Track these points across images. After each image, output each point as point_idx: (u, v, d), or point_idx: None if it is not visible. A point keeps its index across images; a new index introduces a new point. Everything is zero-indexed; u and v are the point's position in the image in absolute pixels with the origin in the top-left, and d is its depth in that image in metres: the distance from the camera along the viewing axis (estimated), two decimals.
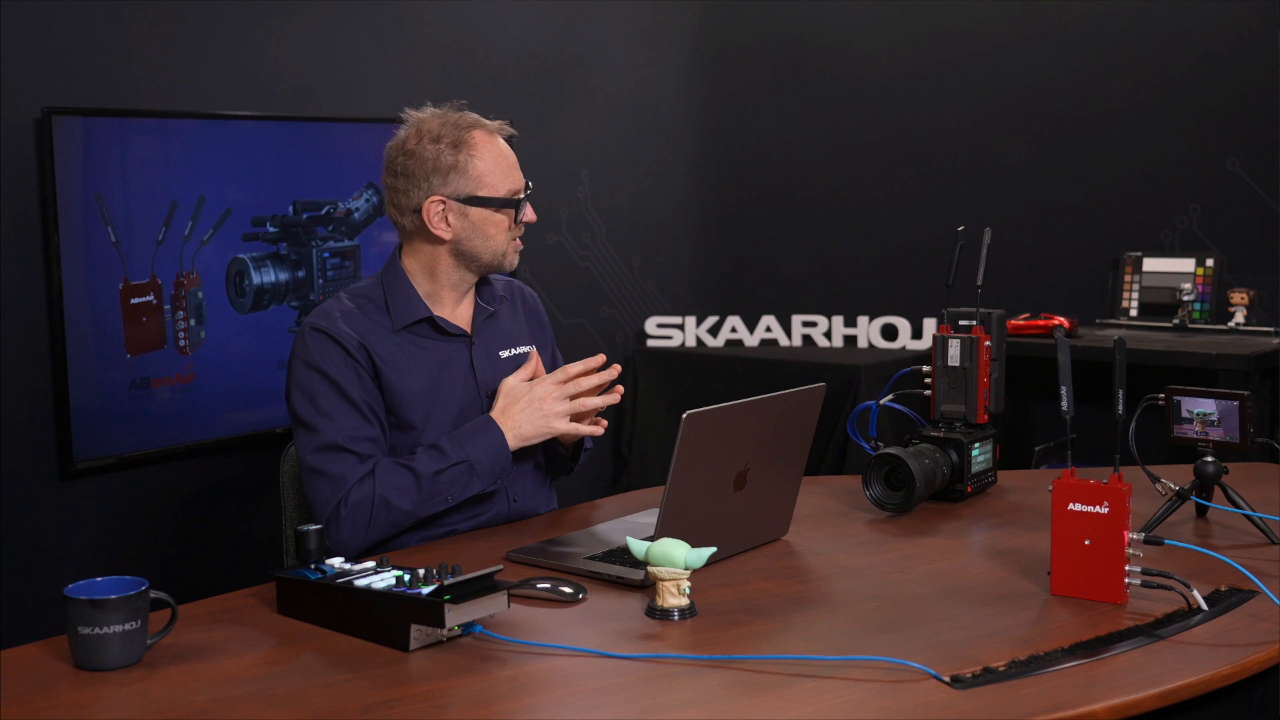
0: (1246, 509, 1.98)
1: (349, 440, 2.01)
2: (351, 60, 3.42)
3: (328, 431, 2.02)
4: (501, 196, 2.11)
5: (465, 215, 2.10)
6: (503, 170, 2.12)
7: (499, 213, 2.12)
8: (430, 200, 2.09)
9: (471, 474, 2.03)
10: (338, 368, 2.04)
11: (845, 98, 4.30)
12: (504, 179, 2.12)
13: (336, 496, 1.99)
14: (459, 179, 2.09)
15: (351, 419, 2.03)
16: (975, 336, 2.24)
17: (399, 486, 1.99)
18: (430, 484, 2.01)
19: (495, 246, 2.14)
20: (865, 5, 4.27)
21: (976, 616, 1.66)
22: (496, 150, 2.12)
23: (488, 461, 2.04)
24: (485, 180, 2.10)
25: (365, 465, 2.01)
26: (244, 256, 3.15)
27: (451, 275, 2.15)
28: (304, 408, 2.04)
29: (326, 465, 2.01)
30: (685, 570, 1.64)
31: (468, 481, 2.03)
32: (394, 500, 1.99)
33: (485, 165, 2.10)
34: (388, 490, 1.99)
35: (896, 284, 4.19)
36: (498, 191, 2.11)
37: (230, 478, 3.19)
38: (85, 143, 2.85)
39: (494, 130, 2.14)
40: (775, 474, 1.95)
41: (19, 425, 2.84)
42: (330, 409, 2.03)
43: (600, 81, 4.12)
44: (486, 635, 1.56)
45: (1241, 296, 3.66)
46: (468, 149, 2.10)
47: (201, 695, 1.42)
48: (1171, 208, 3.88)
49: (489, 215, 2.11)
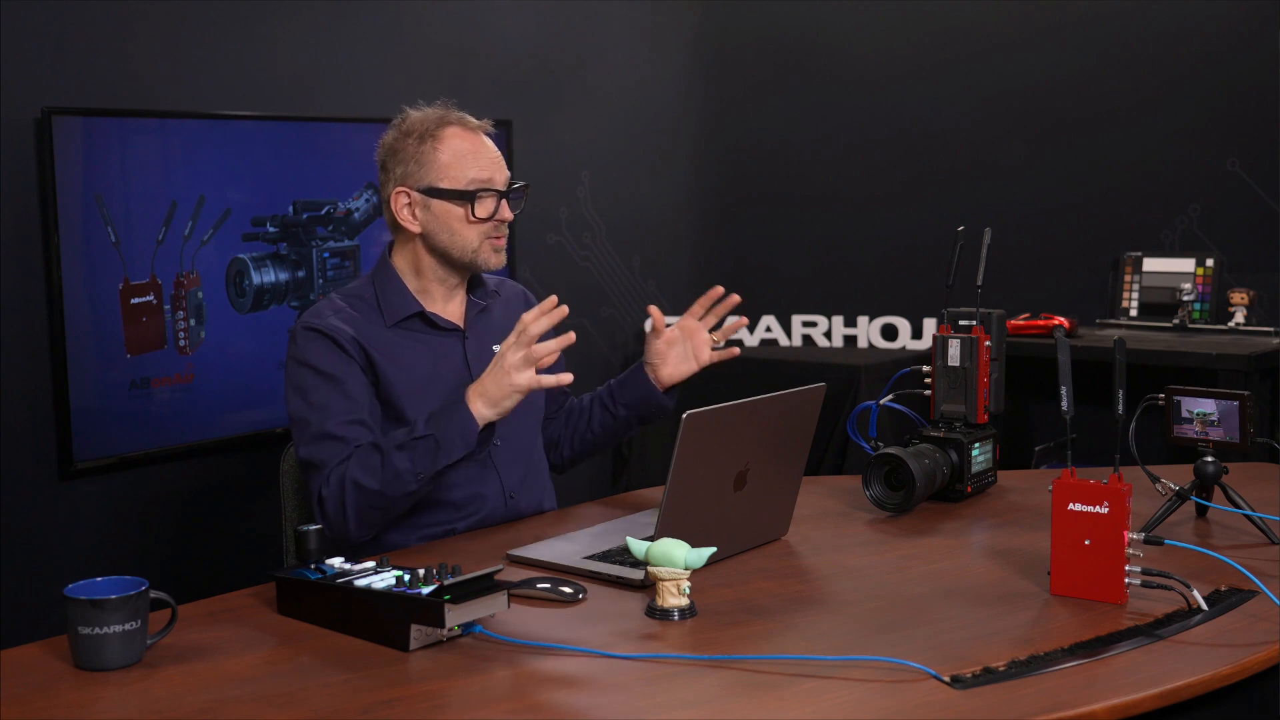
0: (1246, 509, 1.98)
1: (336, 428, 2.00)
2: (351, 60, 3.42)
3: (317, 422, 2.01)
4: (458, 188, 2.09)
5: (428, 208, 2.10)
6: (467, 162, 2.10)
7: (457, 205, 2.09)
8: (396, 192, 2.11)
9: (438, 447, 1.94)
10: (328, 361, 2.04)
11: (845, 98, 4.30)
12: (466, 170, 2.09)
13: (319, 483, 1.99)
14: (419, 170, 2.10)
15: (340, 405, 2.02)
16: (975, 336, 2.24)
17: (367, 466, 1.96)
18: (394, 459, 1.94)
19: (462, 242, 2.11)
20: (865, 5, 4.27)
21: (976, 616, 1.66)
22: (465, 144, 2.10)
23: (452, 432, 1.94)
24: (447, 172, 2.09)
25: (347, 450, 2.00)
26: (244, 256, 3.15)
27: (437, 271, 2.15)
28: (297, 404, 2.04)
29: (314, 454, 2.00)
30: (685, 570, 1.64)
31: (434, 455, 1.94)
32: (362, 480, 1.95)
33: (448, 157, 2.09)
34: (356, 472, 1.95)
35: (896, 284, 4.18)
36: (458, 184, 2.09)
37: (230, 478, 3.19)
38: (85, 143, 2.85)
39: (473, 127, 2.13)
40: (775, 474, 1.95)
41: (19, 425, 2.84)
42: (320, 400, 2.02)
43: (600, 81, 4.12)
44: (486, 635, 1.56)
45: (1241, 296, 3.66)
46: (434, 141, 2.10)
47: (201, 695, 1.42)
48: (1171, 208, 3.88)
49: (449, 208, 2.10)
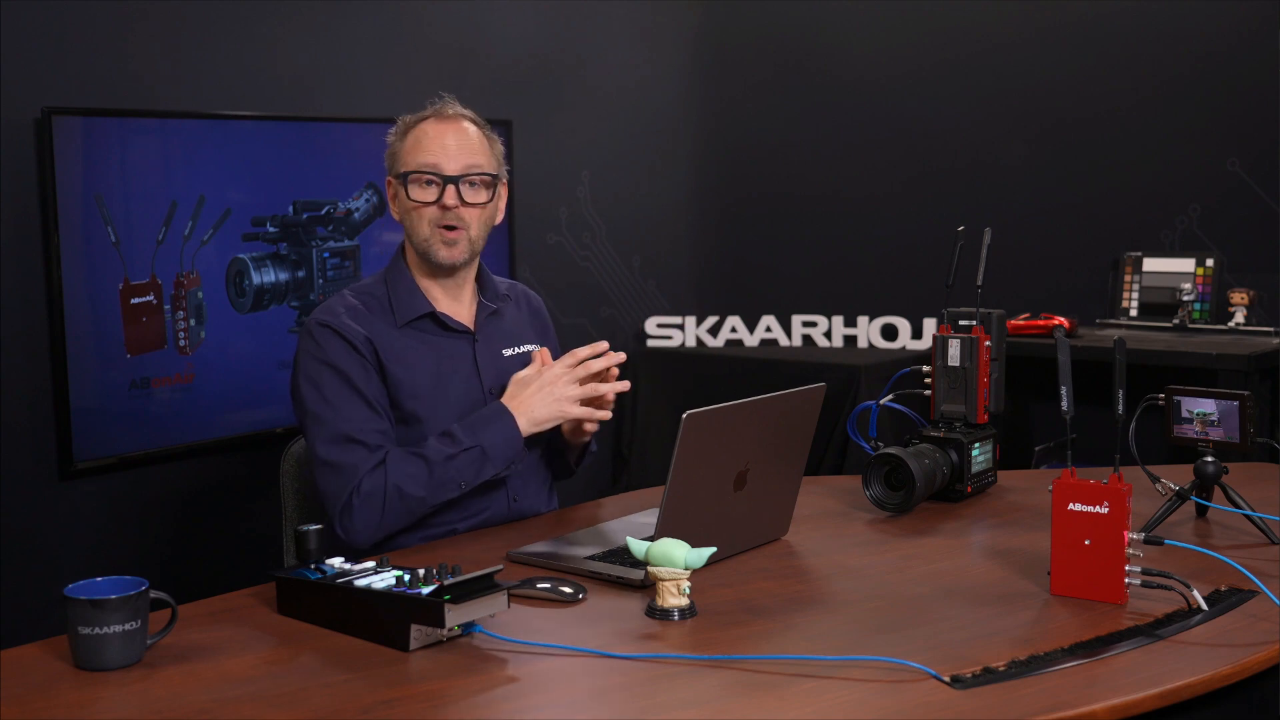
0: (1246, 509, 1.98)
1: (359, 431, 2.02)
2: (351, 60, 3.42)
3: (336, 422, 2.02)
4: (403, 171, 2.12)
5: (396, 197, 2.16)
6: (419, 148, 2.11)
7: (403, 189, 2.12)
8: (386, 183, 2.18)
9: (485, 459, 2.03)
10: (344, 361, 2.05)
11: (845, 98, 4.30)
12: (416, 156, 2.11)
13: (348, 487, 1.99)
14: (391, 159, 2.16)
15: (359, 410, 2.03)
16: (975, 336, 2.24)
17: (411, 474, 1.99)
18: (442, 469, 2.00)
19: (416, 231, 2.13)
20: (865, 5, 4.26)
21: (976, 616, 1.66)
22: (429, 132, 2.11)
23: (500, 446, 2.04)
24: (404, 158, 2.13)
25: (376, 455, 2.01)
26: (244, 256, 3.15)
27: (423, 267, 2.17)
28: (312, 398, 2.04)
29: (337, 456, 2.00)
30: (685, 570, 1.64)
31: (480, 467, 2.03)
32: (406, 488, 1.98)
33: (408, 144, 2.13)
34: (400, 478, 1.98)
35: (896, 284, 4.19)
36: (407, 168, 2.12)
37: (230, 478, 3.19)
38: (85, 143, 2.85)
39: (449, 117, 2.14)
40: (775, 474, 1.95)
41: (19, 425, 2.84)
42: (337, 399, 2.03)
43: (600, 81, 4.12)
44: (486, 635, 1.56)
45: (1241, 296, 3.66)
46: (411, 132, 2.13)
47: (201, 695, 1.42)
48: (1171, 208, 3.88)
49: (401, 194, 2.14)
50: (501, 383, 2.16)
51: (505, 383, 2.16)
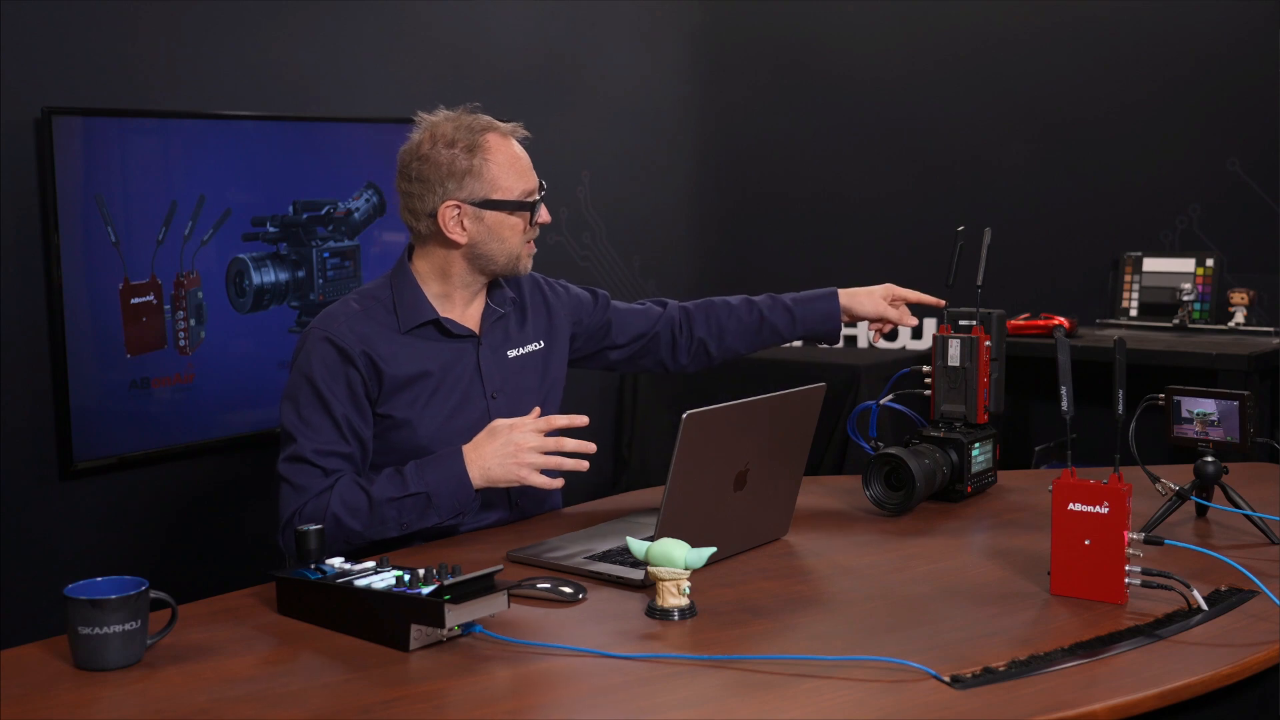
0: (1246, 509, 1.98)
1: (317, 455, 2.02)
2: (351, 60, 3.42)
3: (302, 441, 2.03)
4: (515, 199, 2.12)
5: (481, 219, 2.11)
6: (517, 172, 2.12)
7: (514, 215, 2.12)
8: (446, 205, 2.09)
9: (429, 505, 1.99)
10: (327, 378, 2.05)
11: (845, 98, 4.30)
12: (518, 181, 2.12)
13: (294, 507, 2.01)
14: (474, 183, 2.09)
15: (327, 434, 2.04)
16: (975, 336, 2.24)
17: (352, 507, 1.99)
18: (382, 510, 1.99)
19: (510, 249, 2.14)
20: (865, 5, 4.27)
21: (976, 616, 1.66)
22: (510, 153, 2.12)
23: (447, 495, 1.99)
24: (499, 183, 2.10)
25: (328, 480, 2.02)
26: (244, 256, 3.15)
27: (465, 277, 2.15)
28: (289, 415, 2.06)
29: (292, 475, 2.03)
30: (685, 570, 1.64)
31: (423, 512, 2.00)
32: (344, 520, 1.98)
33: (499, 168, 2.10)
34: (340, 509, 1.99)
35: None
36: (512, 194, 2.11)
37: (230, 478, 3.19)
38: (85, 143, 2.85)
39: (507, 132, 2.14)
40: (775, 474, 1.95)
41: (19, 425, 2.84)
42: (310, 418, 2.04)
43: (600, 82, 4.12)
44: (486, 635, 1.56)
45: (1241, 296, 3.66)
46: (482, 153, 2.10)
47: (201, 695, 1.42)
48: (1171, 208, 3.88)
49: (504, 218, 2.11)
50: (505, 385, 2.17)
51: (509, 385, 2.17)
